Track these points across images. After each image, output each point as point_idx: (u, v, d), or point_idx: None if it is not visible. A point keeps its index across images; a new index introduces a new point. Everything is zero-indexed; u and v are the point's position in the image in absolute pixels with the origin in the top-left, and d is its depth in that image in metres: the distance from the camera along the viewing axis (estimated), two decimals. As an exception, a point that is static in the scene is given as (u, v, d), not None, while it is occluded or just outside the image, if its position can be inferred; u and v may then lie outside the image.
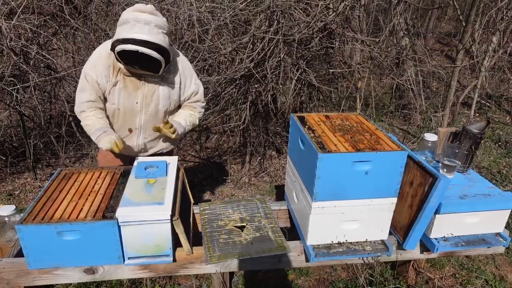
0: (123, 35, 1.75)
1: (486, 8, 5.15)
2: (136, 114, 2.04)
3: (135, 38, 1.73)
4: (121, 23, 1.79)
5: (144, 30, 1.75)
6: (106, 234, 1.60)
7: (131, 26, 1.75)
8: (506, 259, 2.69)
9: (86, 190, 1.81)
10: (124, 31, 1.76)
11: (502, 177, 3.84)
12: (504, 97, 6.06)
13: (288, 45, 3.22)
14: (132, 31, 1.74)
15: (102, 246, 1.63)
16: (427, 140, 2.10)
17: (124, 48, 1.74)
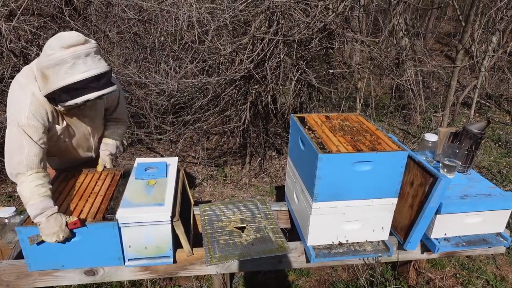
0: (68, 80, 1.47)
1: (485, 8, 5.15)
2: (89, 138, 1.95)
3: (87, 78, 1.48)
4: (56, 64, 1.47)
5: (89, 64, 1.50)
6: (106, 235, 1.60)
7: (71, 66, 1.47)
8: (507, 259, 2.68)
9: (86, 191, 1.81)
10: (67, 74, 1.47)
11: (502, 177, 3.84)
12: (504, 97, 6.06)
13: (288, 45, 3.22)
14: (78, 71, 1.47)
15: (102, 248, 1.63)
16: (427, 140, 2.10)
17: (87, 98, 1.51)
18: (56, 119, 1.73)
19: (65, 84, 1.48)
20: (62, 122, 1.76)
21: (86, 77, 1.48)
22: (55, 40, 1.49)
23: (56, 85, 1.49)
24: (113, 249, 1.64)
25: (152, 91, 3.34)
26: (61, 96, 1.53)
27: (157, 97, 3.46)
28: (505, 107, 5.88)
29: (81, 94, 1.51)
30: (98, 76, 1.52)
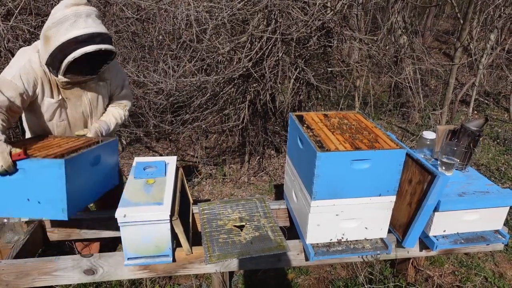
0: (68, 35, 1.52)
1: (483, 5, 5.16)
2: (87, 119, 1.96)
3: (89, 33, 1.52)
4: (59, 22, 1.54)
5: (90, 23, 1.55)
6: (49, 176, 1.39)
7: (73, 24, 1.53)
8: (505, 256, 2.70)
9: (51, 144, 1.67)
10: (68, 30, 1.53)
11: (500, 174, 3.85)
12: (502, 95, 6.07)
13: (286, 44, 3.22)
14: (78, 27, 1.53)
15: (44, 193, 1.42)
16: (425, 138, 2.10)
17: (86, 51, 1.53)
18: (50, 92, 1.75)
19: (66, 39, 1.52)
20: (57, 96, 1.78)
21: (86, 33, 1.53)
22: (60, 2, 1.58)
23: (57, 43, 1.54)
24: (55, 196, 1.41)
25: (150, 90, 3.34)
26: (60, 56, 1.56)
27: (155, 96, 3.46)
28: (504, 104, 5.90)
29: (79, 47, 1.54)
30: (98, 34, 1.56)
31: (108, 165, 1.88)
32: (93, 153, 1.71)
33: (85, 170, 1.67)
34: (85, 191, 1.69)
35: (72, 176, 1.50)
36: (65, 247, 2.45)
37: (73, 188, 1.52)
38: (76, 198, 1.57)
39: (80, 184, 1.61)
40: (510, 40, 6.05)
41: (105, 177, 1.87)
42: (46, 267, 1.68)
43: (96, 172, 1.77)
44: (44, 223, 2.05)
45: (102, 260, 1.71)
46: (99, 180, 1.81)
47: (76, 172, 1.55)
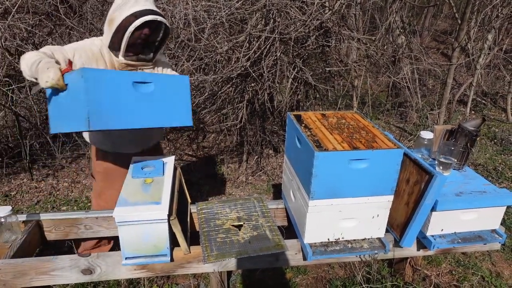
0: (129, 11, 1.73)
1: (481, 6, 5.17)
2: None
3: (146, 9, 1.73)
4: (122, 4, 1.75)
5: (148, 4, 1.77)
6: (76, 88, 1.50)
7: (134, 4, 1.74)
8: (502, 256, 2.71)
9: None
10: (129, 9, 1.73)
11: (497, 174, 3.86)
12: (500, 95, 6.09)
13: (284, 43, 3.22)
14: (138, 6, 1.74)
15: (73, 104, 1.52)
16: (423, 138, 2.11)
17: (144, 19, 1.72)
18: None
19: (128, 14, 1.72)
20: None
21: (145, 8, 1.74)
22: None
23: (120, 19, 1.73)
24: (79, 107, 1.48)
25: (148, 90, 3.32)
26: (123, 31, 1.74)
27: (153, 95, 3.45)
28: (501, 104, 5.92)
29: (137, 18, 1.72)
30: (155, 11, 1.77)
31: (172, 99, 1.76)
32: (137, 76, 1.65)
33: (124, 90, 1.61)
34: (123, 110, 1.62)
35: (96, 88, 1.51)
36: (63, 247, 2.45)
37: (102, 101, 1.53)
38: (107, 113, 1.56)
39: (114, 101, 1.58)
40: (507, 40, 6.07)
41: (167, 109, 1.75)
42: (44, 266, 1.68)
43: (149, 99, 1.68)
44: (41, 223, 2.04)
45: (100, 260, 1.71)
46: (154, 108, 1.71)
47: (103, 87, 1.54)
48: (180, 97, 1.76)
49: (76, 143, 4.05)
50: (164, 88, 1.68)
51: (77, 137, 3.97)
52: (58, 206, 3.39)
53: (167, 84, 1.70)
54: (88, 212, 2.08)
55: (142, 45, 1.89)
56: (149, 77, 1.67)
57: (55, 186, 3.69)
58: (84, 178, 3.83)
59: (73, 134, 3.96)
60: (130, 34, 1.76)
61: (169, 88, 1.70)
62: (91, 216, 2.06)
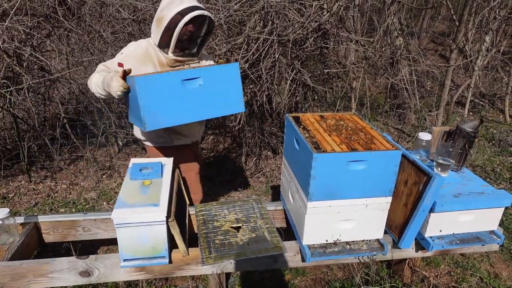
0: (178, 8, 1.83)
1: (479, 7, 5.20)
2: None
3: (192, 6, 1.84)
4: (169, 3, 1.86)
5: (192, 1, 1.87)
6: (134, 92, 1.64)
7: (180, 2, 1.84)
8: (500, 257, 2.71)
9: None
10: (177, 6, 1.83)
11: (496, 175, 3.87)
12: (498, 96, 6.11)
13: (282, 45, 3.22)
14: (184, 4, 1.83)
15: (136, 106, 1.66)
16: (421, 139, 2.11)
17: (194, 14, 1.81)
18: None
19: (176, 11, 1.82)
20: None
21: (192, 5, 1.85)
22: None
23: (169, 16, 1.83)
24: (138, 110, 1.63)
25: (147, 91, 3.32)
26: (172, 28, 1.84)
27: (152, 97, 3.45)
28: (499, 106, 5.94)
29: (186, 14, 1.81)
30: (201, 7, 1.87)
31: (222, 88, 1.81)
32: (186, 74, 1.72)
33: (175, 89, 1.70)
34: (176, 108, 1.73)
35: (149, 94, 1.64)
36: (61, 249, 2.44)
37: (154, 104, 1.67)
38: (161, 114, 1.70)
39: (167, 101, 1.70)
40: (505, 41, 6.10)
41: (218, 99, 1.81)
42: (42, 269, 1.67)
43: (200, 93, 1.75)
44: (39, 225, 2.04)
45: (98, 262, 1.70)
46: (206, 100, 1.78)
47: (155, 91, 1.66)
48: (230, 85, 1.80)
49: (75, 144, 4.04)
50: (213, 80, 1.74)
51: (75, 138, 3.97)
52: (56, 208, 3.38)
53: (216, 75, 1.75)
54: (87, 214, 2.07)
55: (188, 41, 1.98)
56: (197, 73, 1.72)
57: (53, 188, 3.68)
58: (82, 180, 3.83)
59: (71, 136, 3.95)
60: (180, 30, 1.84)
61: (218, 78, 1.75)
62: (89, 218, 2.06)
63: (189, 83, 1.71)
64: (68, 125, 3.96)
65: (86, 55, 3.52)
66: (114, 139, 4.28)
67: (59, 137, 3.81)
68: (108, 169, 3.99)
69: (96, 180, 3.80)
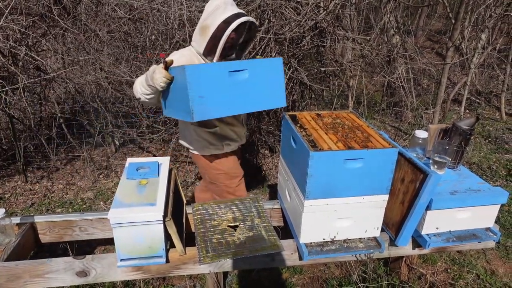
0: (223, 16, 1.84)
1: (475, 5, 5.21)
2: None
3: (237, 13, 1.85)
4: (213, 11, 1.87)
5: (235, 8, 1.89)
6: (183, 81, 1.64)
7: (223, 10, 1.85)
8: (496, 254, 2.72)
9: None
10: (222, 14, 1.84)
11: (492, 173, 3.89)
12: (494, 94, 6.13)
13: (279, 44, 3.22)
14: (228, 11, 1.84)
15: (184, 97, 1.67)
16: (418, 137, 2.11)
17: (240, 21, 1.82)
18: None
19: (222, 20, 1.83)
20: None
21: (236, 12, 1.87)
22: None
23: (215, 25, 1.84)
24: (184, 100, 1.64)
25: (143, 91, 3.31)
26: (219, 36, 1.85)
27: (148, 96, 3.44)
28: (495, 103, 5.96)
29: (233, 21, 1.82)
30: (244, 14, 1.88)
31: (266, 82, 1.81)
32: (233, 65, 1.72)
33: (223, 80, 1.70)
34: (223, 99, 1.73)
35: (198, 83, 1.64)
36: (58, 249, 2.43)
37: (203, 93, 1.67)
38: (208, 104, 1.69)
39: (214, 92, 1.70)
40: (501, 39, 6.12)
41: (262, 93, 1.81)
42: (38, 269, 1.67)
43: (245, 85, 1.75)
44: (36, 225, 2.03)
45: (95, 262, 1.70)
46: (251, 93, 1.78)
47: (204, 81, 1.66)
48: (273, 79, 1.79)
49: (71, 144, 4.03)
50: (258, 73, 1.74)
51: (72, 138, 3.95)
52: (53, 208, 3.37)
53: (261, 69, 1.75)
54: (83, 214, 2.07)
55: (230, 48, 1.99)
56: (244, 65, 1.72)
57: (50, 188, 3.66)
58: (79, 180, 3.82)
59: (68, 136, 3.93)
60: (226, 38, 1.85)
61: (263, 71, 1.75)
62: (86, 218, 2.05)
63: (236, 74, 1.71)
64: (65, 125, 3.94)
65: (82, 55, 3.50)
66: (111, 139, 4.27)
67: (56, 137, 3.80)
68: (105, 169, 3.98)
69: (93, 180, 3.79)
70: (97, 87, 3.78)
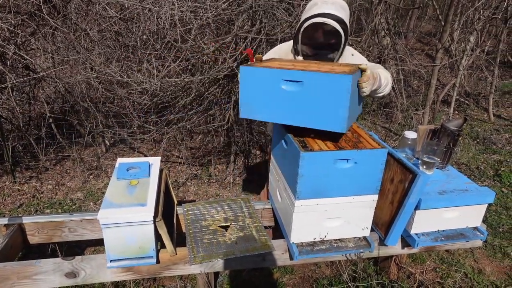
0: (309, 13, 1.84)
1: (464, 8, 5.28)
2: None
3: (322, 12, 1.82)
4: (308, 8, 1.89)
5: (329, 7, 1.84)
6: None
7: (318, 7, 1.84)
8: (484, 252, 2.77)
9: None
10: (311, 11, 1.85)
11: (480, 173, 3.95)
12: (482, 95, 6.22)
13: (271, 44, 3.23)
14: (319, 10, 1.83)
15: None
16: (407, 138, 2.14)
17: (313, 21, 1.81)
18: None
19: (313, 14, 1.82)
20: None
21: (325, 12, 1.81)
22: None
23: (301, 19, 1.85)
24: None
25: (134, 90, 3.30)
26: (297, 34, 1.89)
27: (139, 96, 3.43)
28: (483, 104, 6.05)
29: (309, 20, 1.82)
30: (331, 14, 1.81)
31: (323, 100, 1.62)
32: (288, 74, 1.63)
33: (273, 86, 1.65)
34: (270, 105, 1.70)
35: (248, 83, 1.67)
36: (47, 251, 2.41)
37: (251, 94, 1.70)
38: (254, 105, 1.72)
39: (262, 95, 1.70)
40: (489, 42, 6.21)
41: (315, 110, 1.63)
42: (26, 271, 1.65)
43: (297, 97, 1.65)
44: (24, 226, 2.01)
45: (84, 263, 1.69)
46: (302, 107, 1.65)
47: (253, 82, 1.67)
48: (334, 98, 1.56)
49: (60, 144, 3.98)
50: (316, 87, 1.57)
51: (61, 138, 3.91)
52: (42, 209, 3.33)
53: (321, 84, 1.56)
54: (72, 215, 2.05)
55: (314, 47, 1.95)
56: (300, 76, 1.59)
57: (39, 188, 3.62)
58: (69, 180, 3.78)
59: (57, 136, 3.89)
60: (301, 35, 1.85)
61: (323, 87, 1.56)
62: (75, 219, 2.03)
63: (289, 83, 1.62)
64: (54, 124, 3.90)
65: (72, 54, 3.47)
66: (101, 139, 4.23)
67: (45, 136, 3.75)
68: (95, 169, 3.95)
69: (83, 180, 3.76)
70: (88, 87, 3.75)
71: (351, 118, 1.66)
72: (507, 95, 6.49)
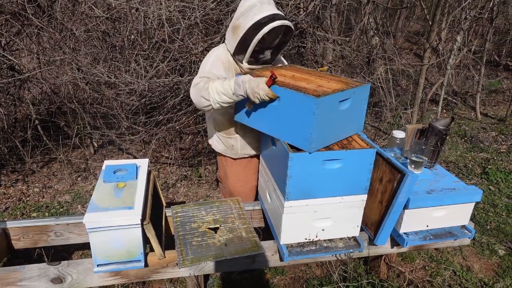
0: (255, 18, 1.73)
1: (451, 8, 5.34)
2: None
3: (272, 14, 1.74)
4: (246, 10, 1.77)
5: (272, 7, 1.78)
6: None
7: (258, 10, 1.75)
8: (472, 250, 2.80)
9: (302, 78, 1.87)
10: (255, 15, 1.74)
11: (468, 171, 4.00)
12: (469, 94, 6.30)
13: (260, 44, 3.21)
14: (264, 11, 1.74)
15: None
16: (395, 137, 2.15)
17: (273, 25, 1.71)
18: None
19: (254, 21, 1.73)
20: None
21: (271, 13, 1.75)
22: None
23: (246, 26, 1.75)
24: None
25: (122, 91, 3.26)
26: (250, 37, 1.75)
27: (127, 97, 3.38)
28: (470, 103, 6.13)
29: (265, 25, 1.72)
30: (279, 15, 1.77)
31: (294, 117, 1.62)
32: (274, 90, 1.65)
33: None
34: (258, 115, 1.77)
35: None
36: (32, 256, 2.36)
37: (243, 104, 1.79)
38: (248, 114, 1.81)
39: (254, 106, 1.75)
40: (475, 41, 6.29)
41: (288, 125, 1.65)
42: (10, 277, 1.61)
43: (276, 111, 1.68)
44: (8, 231, 1.96)
45: (71, 268, 1.66)
46: (278, 121, 1.69)
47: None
48: (303, 117, 1.56)
49: (47, 146, 3.91)
50: (288, 104, 1.60)
51: (48, 140, 3.84)
52: (28, 212, 3.27)
53: (292, 101, 1.58)
54: (59, 218, 2.01)
55: (263, 50, 1.94)
56: (279, 91, 1.62)
57: (25, 191, 3.55)
58: (56, 182, 3.71)
59: (44, 138, 3.82)
60: (257, 42, 1.76)
61: (294, 105, 1.57)
62: (61, 223, 2.00)
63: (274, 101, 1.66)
64: (41, 126, 3.83)
65: (58, 54, 3.41)
66: (89, 140, 4.17)
67: (31, 139, 3.68)
68: (83, 171, 3.89)
69: (71, 182, 3.70)
70: (74, 88, 3.69)
71: (327, 138, 1.65)
72: (494, 93, 6.59)
